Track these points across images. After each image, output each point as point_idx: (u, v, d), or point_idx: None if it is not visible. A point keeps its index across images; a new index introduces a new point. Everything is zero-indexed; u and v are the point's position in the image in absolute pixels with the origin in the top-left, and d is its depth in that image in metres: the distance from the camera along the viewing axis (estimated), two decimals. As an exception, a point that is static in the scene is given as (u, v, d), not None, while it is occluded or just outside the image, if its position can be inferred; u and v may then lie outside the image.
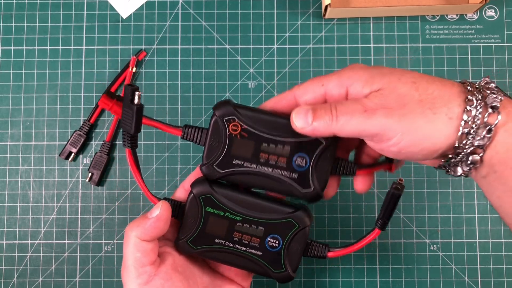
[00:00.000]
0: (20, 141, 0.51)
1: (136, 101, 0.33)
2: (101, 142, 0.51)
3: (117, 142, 0.51)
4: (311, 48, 0.52)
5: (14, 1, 0.53)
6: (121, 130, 0.36)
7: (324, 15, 0.51)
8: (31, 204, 0.51)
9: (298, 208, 0.36)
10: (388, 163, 0.37)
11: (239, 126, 0.35)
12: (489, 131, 0.29)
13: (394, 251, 0.49)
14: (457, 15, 0.52)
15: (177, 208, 0.36)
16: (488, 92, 0.29)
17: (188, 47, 0.52)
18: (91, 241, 0.50)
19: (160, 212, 0.34)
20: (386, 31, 0.52)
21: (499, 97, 0.29)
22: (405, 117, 0.29)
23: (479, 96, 0.29)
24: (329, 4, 0.49)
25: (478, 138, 0.29)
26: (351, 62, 0.51)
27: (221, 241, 0.36)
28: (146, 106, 0.52)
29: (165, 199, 0.36)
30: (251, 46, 0.52)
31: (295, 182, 0.35)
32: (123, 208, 0.51)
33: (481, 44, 0.51)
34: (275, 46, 0.52)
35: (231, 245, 0.36)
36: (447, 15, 0.52)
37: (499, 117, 0.29)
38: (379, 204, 0.50)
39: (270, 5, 0.52)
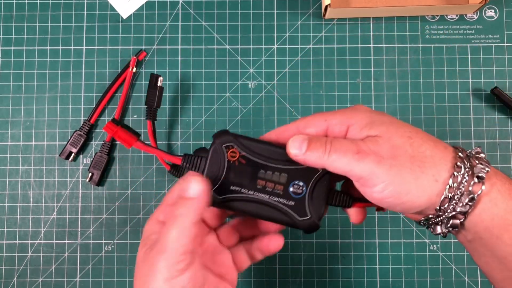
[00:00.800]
0: (20, 141, 0.52)
1: (159, 84, 0.48)
2: (101, 142, 0.51)
3: (117, 142, 0.51)
4: (311, 48, 0.52)
5: (14, 1, 0.53)
6: (145, 106, 0.48)
7: (324, 15, 0.52)
8: (31, 204, 0.51)
9: None
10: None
11: (237, 153, 0.36)
12: (472, 199, 0.30)
13: (394, 251, 0.49)
14: (456, 15, 0.52)
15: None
16: (477, 162, 0.31)
17: (188, 47, 0.52)
18: (91, 241, 0.50)
19: (203, 187, 0.32)
20: (386, 31, 0.52)
21: (486, 169, 0.30)
22: (394, 168, 0.30)
23: (468, 165, 0.30)
24: (329, 4, 0.49)
25: (461, 204, 0.30)
26: (351, 62, 0.52)
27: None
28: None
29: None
30: (251, 46, 0.52)
31: (291, 210, 0.35)
32: (123, 208, 0.51)
33: (481, 44, 0.51)
34: (275, 46, 0.52)
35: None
36: (446, 15, 0.52)
37: (483, 187, 0.30)
38: (379, 204, 0.50)
39: (270, 5, 0.52)
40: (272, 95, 0.51)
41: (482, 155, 0.32)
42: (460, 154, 0.31)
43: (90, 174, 0.50)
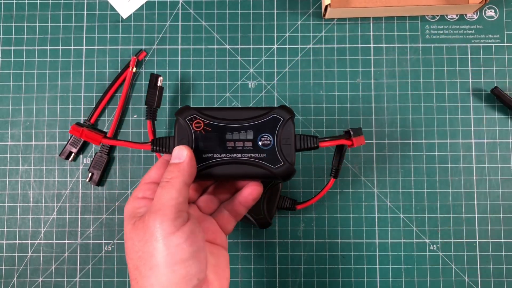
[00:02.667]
0: (20, 141, 0.52)
1: (158, 84, 0.47)
2: (101, 142, 0.51)
3: (117, 142, 0.51)
4: (311, 48, 0.52)
5: (14, 1, 0.53)
6: (145, 106, 0.48)
7: (324, 15, 0.52)
8: (31, 204, 0.51)
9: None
10: (348, 138, 0.41)
11: (201, 122, 0.38)
12: None
13: (394, 251, 0.49)
14: (457, 15, 0.52)
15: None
16: None
17: (188, 47, 0.52)
18: (91, 241, 0.50)
19: (189, 152, 0.35)
20: (386, 31, 0.52)
21: None
22: None
23: None
24: (329, 4, 0.49)
25: None
26: (351, 62, 0.52)
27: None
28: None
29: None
30: (251, 46, 0.52)
31: (265, 161, 0.37)
32: (123, 208, 0.51)
33: (481, 44, 0.51)
34: (275, 46, 0.52)
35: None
36: (447, 15, 0.52)
37: None
38: (379, 204, 0.50)
39: (270, 5, 0.52)
40: (272, 95, 0.51)
41: None
42: None
43: (90, 174, 0.50)
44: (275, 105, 0.45)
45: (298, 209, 0.48)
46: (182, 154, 0.35)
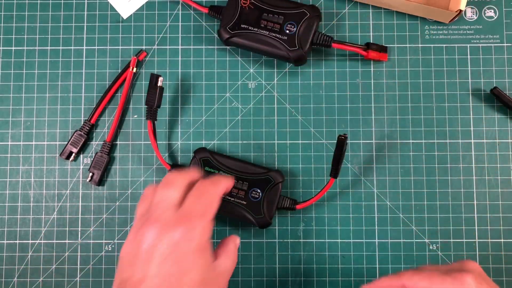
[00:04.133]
0: (20, 141, 0.52)
1: (159, 84, 0.48)
2: (102, 142, 0.51)
3: (118, 142, 0.52)
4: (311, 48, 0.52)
5: (14, 1, 0.53)
6: (145, 106, 0.49)
7: (324, 15, 0.52)
8: (31, 204, 0.51)
9: (273, 170, 0.48)
10: (364, 48, 0.50)
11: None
12: None
13: (393, 251, 0.50)
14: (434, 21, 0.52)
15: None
16: None
17: (188, 47, 0.52)
18: (91, 241, 0.50)
19: (229, 185, 0.41)
20: (386, 31, 0.52)
21: None
22: None
23: None
24: None
25: None
26: (351, 62, 0.52)
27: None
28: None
29: (173, 165, 0.50)
30: (251, 47, 0.52)
31: (284, 43, 0.48)
32: (123, 208, 0.51)
33: (480, 45, 0.52)
34: (275, 47, 0.52)
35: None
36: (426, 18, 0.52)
37: None
38: (378, 204, 0.50)
39: (270, 6, 0.52)
40: (272, 95, 0.51)
41: None
42: None
43: (90, 174, 0.50)
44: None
45: (298, 209, 0.48)
46: (226, 182, 0.40)
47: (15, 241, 0.51)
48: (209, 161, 0.48)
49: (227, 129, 0.51)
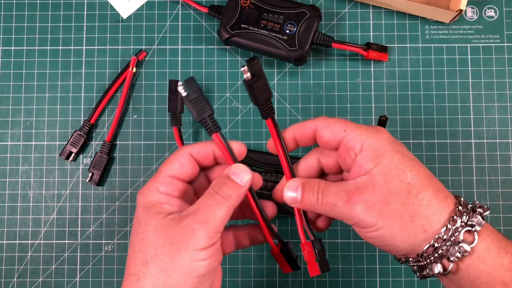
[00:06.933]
0: (20, 141, 0.52)
1: (179, 89, 0.43)
2: (101, 142, 0.51)
3: (117, 142, 0.51)
4: (311, 48, 0.52)
5: (14, 1, 0.53)
6: (170, 113, 0.49)
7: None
8: (31, 204, 0.51)
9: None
10: (365, 48, 0.50)
11: (248, 0, 0.48)
12: (460, 252, 0.30)
13: (394, 251, 0.49)
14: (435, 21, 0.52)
15: None
16: (474, 217, 0.31)
17: (188, 47, 0.52)
18: (91, 241, 0.50)
19: (250, 179, 0.33)
20: (386, 31, 0.52)
21: (482, 224, 0.31)
22: (383, 215, 0.31)
23: (465, 219, 0.31)
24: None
25: (447, 256, 0.30)
26: (351, 62, 0.52)
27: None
28: (147, 106, 0.52)
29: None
30: (251, 46, 0.52)
31: (284, 43, 0.48)
32: (123, 208, 0.51)
33: (480, 44, 0.51)
34: (275, 46, 0.52)
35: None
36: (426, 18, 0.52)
37: (474, 243, 0.30)
38: (379, 204, 0.50)
39: (270, 5, 0.52)
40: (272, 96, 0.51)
41: (481, 210, 0.32)
42: (459, 207, 0.31)
43: (90, 174, 0.50)
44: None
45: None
46: (244, 177, 0.33)
47: (15, 241, 0.51)
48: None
49: (227, 129, 0.51)
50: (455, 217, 0.30)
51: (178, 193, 0.33)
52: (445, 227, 0.30)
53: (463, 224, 0.30)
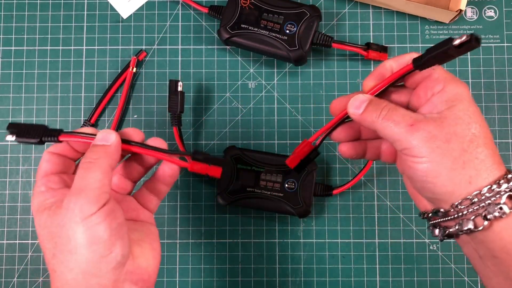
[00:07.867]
0: (20, 141, 0.52)
1: (179, 89, 0.48)
2: (102, 142, 0.51)
3: (118, 142, 0.51)
4: (311, 47, 0.52)
5: (14, 1, 0.53)
6: (170, 113, 0.49)
7: (324, 15, 0.52)
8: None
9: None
10: (365, 48, 0.50)
11: (248, 0, 0.48)
12: (499, 213, 0.30)
13: (393, 251, 0.50)
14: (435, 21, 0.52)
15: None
16: None
17: (188, 47, 0.52)
18: (91, 241, 0.50)
19: (117, 137, 0.34)
20: (386, 31, 0.52)
21: None
22: (439, 149, 0.30)
23: (511, 185, 0.30)
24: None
25: (482, 214, 0.30)
26: (351, 62, 0.52)
27: (251, 189, 0.47)
28: (147, 106, 0.52)
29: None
30: (251, 46, 0.52)
31: (284, 43, 0.48)
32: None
33: (480, 45, 0.51)
34: (275, 46, 0.52)
35: (259, 191, 0.47)
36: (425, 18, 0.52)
37: None
38: (378, 204, 0.50)
39: (270, 6, 0.52)
40: (272, 95, 0.51)
41: None
42: (509, 175, 0.31)
43: (90, 174, 0.50)
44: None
45: (334, 194, 0.49)
46: (109, 137, 0.34)
47: (15, 241, 0.51)
48: (240, 158, 0.48)
49: (227, 129, 0.51)
50: (501, 181, 0.30)
51: (59, 184, 0.34)
52: (489, 186, 0.30)
53: (507, 190, 0.30)
